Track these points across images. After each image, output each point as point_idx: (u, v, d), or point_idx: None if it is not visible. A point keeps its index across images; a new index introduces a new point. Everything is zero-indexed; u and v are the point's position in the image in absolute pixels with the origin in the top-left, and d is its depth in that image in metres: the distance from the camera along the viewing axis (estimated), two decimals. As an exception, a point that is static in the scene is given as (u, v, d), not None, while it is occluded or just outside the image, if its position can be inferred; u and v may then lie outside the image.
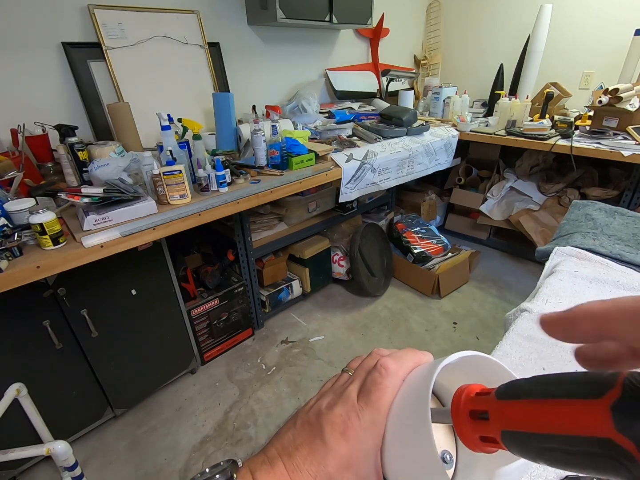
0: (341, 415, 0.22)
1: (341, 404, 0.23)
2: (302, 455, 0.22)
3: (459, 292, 2.29)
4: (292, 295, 2.13)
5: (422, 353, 0.25)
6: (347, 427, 0.22)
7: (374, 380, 0.23)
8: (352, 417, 0.22)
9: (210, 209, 1.32)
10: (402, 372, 0.24)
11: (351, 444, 0.22)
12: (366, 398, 0.23)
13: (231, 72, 2.02)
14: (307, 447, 0.22)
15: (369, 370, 0.25)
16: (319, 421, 0.23)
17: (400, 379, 0.23)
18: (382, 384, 0.23)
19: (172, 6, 1.72)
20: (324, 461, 0.21)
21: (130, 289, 1.38)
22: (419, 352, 0.25)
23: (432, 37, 3.05)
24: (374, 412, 0.22)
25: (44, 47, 1.47)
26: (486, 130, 2.22)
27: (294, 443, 0.23)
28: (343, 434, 0.22)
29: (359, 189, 1.86)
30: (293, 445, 0.23)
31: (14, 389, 1.14)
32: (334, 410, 0.23)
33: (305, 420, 0.24)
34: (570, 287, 0.98)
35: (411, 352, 0.25)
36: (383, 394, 0.23)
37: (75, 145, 1.32)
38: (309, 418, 0.24)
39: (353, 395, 0.23)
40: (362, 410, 0.22)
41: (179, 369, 1.68)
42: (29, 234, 1.06)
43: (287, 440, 0.24)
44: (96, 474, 1.36)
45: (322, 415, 0.23)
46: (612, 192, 2.09)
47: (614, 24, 2.22)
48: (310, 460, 0.22)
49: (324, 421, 0.23)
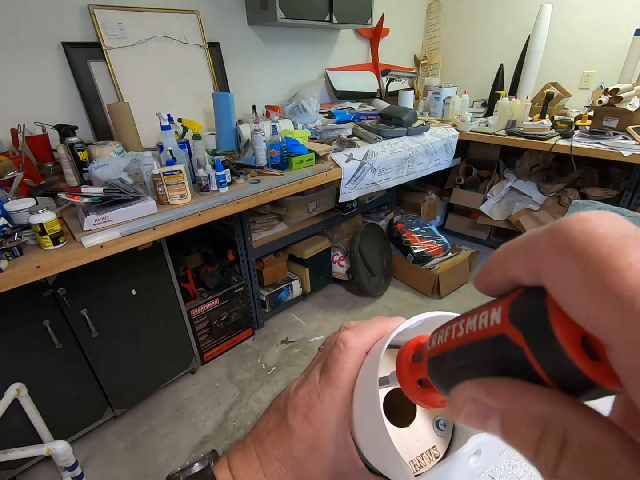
0: (303, 397, 0.22)
1: (305, 385, 0.23)
2: (270, 440, 0.22)
3: (459, 292, 2.29)
4: (292, 295, 2.13)
5: (391, 320, 0.24)
6: (309, 409, 0.22)
7: (332, 357, 0.23)
8: (313, 398, 0.22)
9: (210, 209, 1.32)
10: (363, 344, 0.23)
11: (314, 425, 0.21)
12: (325, 376, 0.22)
13: (231, 72, 2.02)
14: (275, 433, 0.22)
15: (332, 347, 0.24)
16: (285, 405, 0.23)
17: (361, 353, 0.22)
18: (340, 360, 0.22)
19: (172, 6, 1.72)
20: (289, 445, 0.21)
21: (130, 289, 1.38)
22: (387, 319, 0.24)
23: (432, 37, 3.05)
24: (334, 390, 0.22)
25: (44, 47, 1.47)
26: (486, 130, 2.22)
27: (265, 428, 0.23)
28: (305, 415, 0.22)
29: (359, 189, 1.86)
30: (265, 431, 0.23)
31: (14, 389, 1.14)
32: (298, 392, 0.23)
33: (276, 405, 0.24)
34: (570, 287, 0.97)
35: (378, 322, 0.24)
36: (341, 370, 0.22)
37: (75, 145, 1.32)
38: (279, 402, 0.24)
39: (316, 375, 0.23)
40: (322, 389, 0.22)
41: (179, 369, 1.68)
42: (29, 234, 1.06)
43: (261, 426, 0.24)
44: (96, 474, 1.36)
45: (289, 399, 0.23)
46: (612, 192, 2.09)
47: (614, 24, 2.22)
48: (277, 446, 0.22)
49: (288, 404, 0.23)
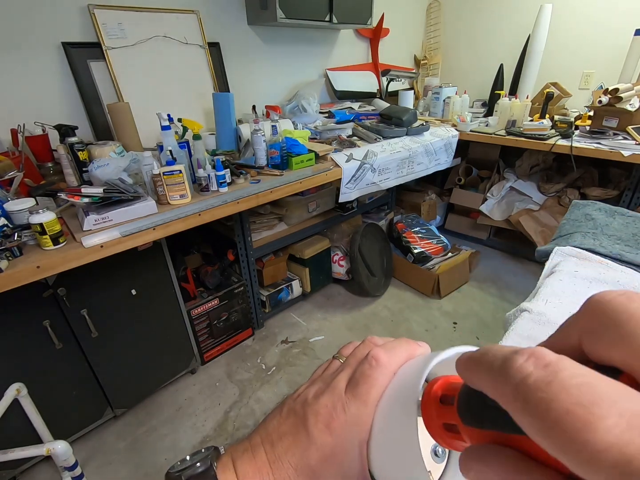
0: (327, 406, 0.22)
1: (328, 393, 0.23)
2: (284, 445, 0.22)
3: (459, 292, 2.29)
4: (292, 295, 2.13)
5: (417, 344, 0.24)
6: (332, 419, 0.21)
7: (363, 372, 0.22)
8: (338, 409, 0.22)
9: (210, 209, 1.32)
10: (393, 364, 0.23)
11: (335, 436, 0.21)
12: (354, 390, 0.22)
13: (231, 72, 2.02)
14: (290, 437, 0.22)
15: (360, 360, 0.24)
16: (304, 411, 0.22)
17: (391, 372, 0.23)
18: (372, 377, 0.22)
19: (172, 6, 1.72)
20: (306, 453, 0.21)
21: (130, 289, 1.38)
22: (413, 342, 0.24)
23: (432, 37, 3.05)
24: (361, 404, 0.21)
25: (44, 47, 1.47)
26: (486, 130, 2.22)
27: (277, 431, 0.23)
28: (327, 425, 0.21)
29: (359, 189, 1.86)
30: (277, 434, 0.22)
31: (14, 389, 1.14)
32: (320, 400, 0.22)
33: (291, 408, 0.23)
34: (570, 287, 0.98)
35: (405, 343, 0.24)
36: (371, 386, 0.22)
37: (75, 145, 1.32)
38: (295, 406, 0.23)
39: (341, 385, 0.23)
40: (348, 402, 0.22)
41: (179, 369, 1.68)
42: (29, 234, 1.06)
43: (272, 427, 0.23)
44: (96, 474, 1.36)
45: (308, 405, 0.23)
46: (612, 192, 2.09)
47: (614, 24, 2.22)
48: (292, 451, 0.21)
49: (309, 411, 0.22)
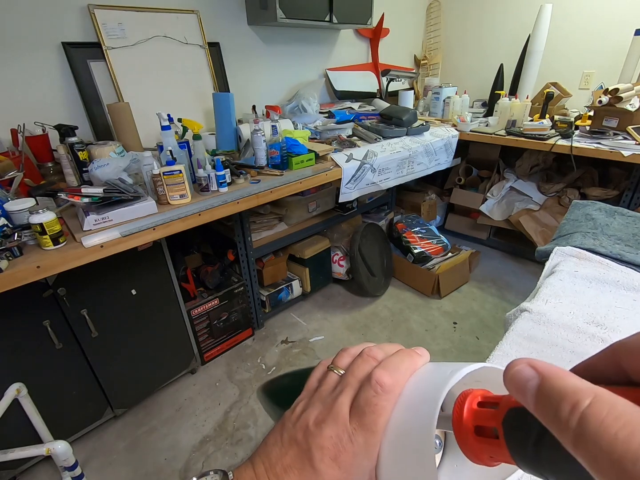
0: (332, 438, 0.21)
1: (331, 423, 0.22)
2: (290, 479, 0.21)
3: (459, 292, 2.29)
4: (292, 295, 2.13)
5: (418, 355, 0.24)
6: (339, 452, 0.21)
7: (368, 401, 0.21)
8: (344, 441, 0.21)
9: (210, 209, 1.32)
10: (399, 387, 0.22)
11: (343, 468, 0.21)
12: (360, 420, 0.21)
13: (231, 72, 2.02)
14: (296, 472, 0.21)
15: (361, 380, 0.23)
16: (307, 441, 0.22)
17: (396, 395, 0.22)
18: (379, 405, 0.21)
19: (172, 6, 1.72)
20: None
21: (130, 289, 1.38)
22: (414, 354, 0.24)
23: (432, 37, 3.05)
24: (369, 435, 0.21)
25: (44, 47, 1.47)
26: (486, 130, 2.22)
27: (281, 462, 0.22)
28: (335, 459, 0.21)
29: (359, 189, 1.86)
30: (281, 466, 0.22)
31: (14, 389, 1.14)
32: (323, 431, 0.22)
33: (292, 436, 0.23)
34: (571, 287, 0.98)
35: (407, 357, 0.23)
36: (378, 416, 0.21)
37: (75, 145, 1.32)
38: (296, 434, 0.23)
39: (344, 412, 0.22)
40: (355, 432, 0.21)
41: (179, 369, 1.68)
42: (29, 234, 1.06)
43: (275, 457, 0.22)
44: (96, 474, 1.36)
45: (311, 435, 0.22)
46: (612, 192, 2.09)
47: (614, 23, 2.22)
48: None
49: (313, 445, 0.21)
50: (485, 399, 0.18)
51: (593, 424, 0.11)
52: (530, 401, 0.14)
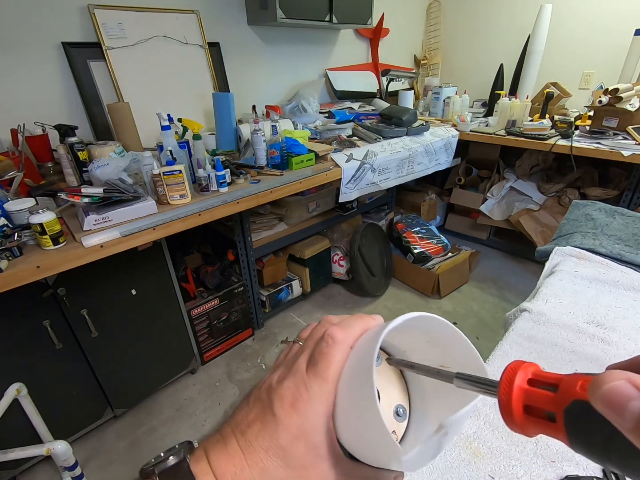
0: (290, 388, 0.23)
1: (291, 376, 0.24)
2: (254, 431, 0.22)
3: (459, 292, 2.29)
4: (292, 295, 2.13)
5: (371, 317, 0.26)
6: (296, 399, 0.22)
7: (321, 351, 0.23)
8: (301, 389, 0.23)
9: (210, 209, 1.32)
10: (349, 339, 0.24)
11: (301, 414, 0.22)
12: (314, 368, 0.23)
13: (231, 72, 2.02)
14: (259, 423, 0.23)
15: (317, 340, 0.25)
16: (269, 396, 0.23)
17: (347, 347, 0.24)
18: (329, 354, 0.23)
19: (172, 6, 1.72)
20: (275, 434, 0.22)
21: (130, 289, 1.38)
22: (367, 316, 0.26)
23: (432, 37, 3.05)
24: (322, 382, 0.23)
25: (44, 47, 1.47)
26: (486, 130, 2.22)
27: (246, 419, 0.23)
28: (293, 405, 0.22)
29: (359, 189, 1.86)
30: (245, 422, 0.23)
31: (14, 389, 1.14)
32: (283, 383, 0.23)
33: (257, 396, 0.25)
34: (571, 287, 0.98)
35: (359, 318, 0.25)
36: (329, 363, 0.23)
37: (75, 145, 1.32)
38: (260, 394, 0.24)
39: (302, 367, 0.24)
40: (310, 381, 0.23)
41: (179, 369, 1.68)
42: (29, 234, 1.06)
43: (240, 417, 0.24)
44: (96, 474, 1.36)
45: (273, 390, 0.24)
46: (612, 192, 2.09)
47: (614, 23, 2.22)
48: (262, 435, 0.22)
49: (274, 396, 0.23)
50: (538, 377, 0.17)
51: None
52: (629, 425, 0.12)
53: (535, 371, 0.17)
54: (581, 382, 0.14)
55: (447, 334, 0.23)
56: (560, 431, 0.14)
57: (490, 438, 0.64)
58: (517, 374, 0.17)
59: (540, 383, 0.16)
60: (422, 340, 0.25)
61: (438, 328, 0.23)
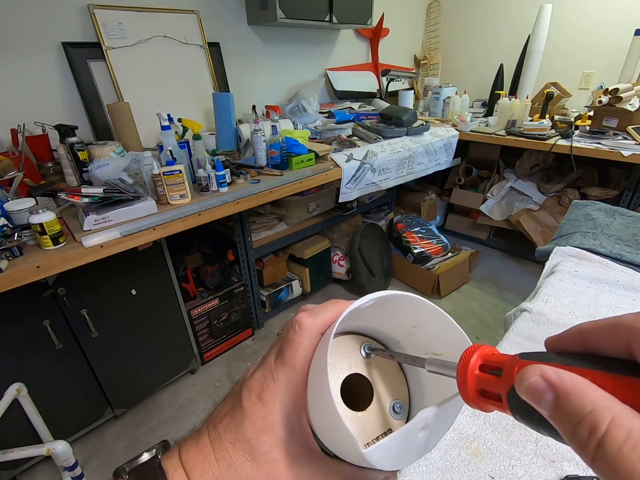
0: (258, 379, 0.22)
1: (261, 368, 0.23)
2: (223, 424, 0.22)
3: (459, 292, 2.29)
4: (292, 295, 2.13)
5: (346, 302, 0.24)
6: (263, 390, 0.22)
7: (287, 338, 0.23)
8: (268, 379, 0.22)
9: (210, 209, 1.32)
10: (318, 325, 0.23)
11: (267, 405, 0.21)
12: (280, 358, 0.22)
13: (231, 72, 2.02)
14: (228, 416, 0.22)
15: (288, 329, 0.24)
16: (240, 388, 0.23)
17: (316, 333, 0.22)
18: (295, 341, 0.22)
19: (172, 6, 1.72)
20: (241, 427, 0.21)
21: (130, 289, 1.38)
22: (342, 301, 0.24)
23: (432, 37, 3.05)
24: (288, 370, 0.22)
25: (44, 47, 1.47)
26: (486, 130, 2.22)
27: (220, 413, 0.23)
28: (259, 397, 0.22)
29: (359, 189, 1.86)
30: (219, 417, 0.23)
31: (14, 389, 1.14)
32: (254, 375, 0.23)
33: (233, 390, 0.24)
34: (571, 287, 0.98)
35: (333, 304, 0.24)
36: (295, 351, 0.22)
37: (75, 145, 1.32)
38: (235, 387, 0.24)
39: (272, 358, 0.23)
40: (276, 370, 0.22)
41: (179, 369, 1.68)
42: (29, 234, 1.06)
43: (216, 412, 0.24)
44: (96, 474, 1.36)
45: (244, 382, 0.23)
46: (612, 192, 2.09)
47: (614, 24, 2.22)
48: (230, 429, 0.22)
49: (243, 387, 0.23)
50: (487, 362, 0.18)
51: (611, 451, 0.12)
52: (547, 414, 0.14)
53: (485, 355, 0.18)
54: (517, 369, 0.16)
55: (429, 314, 0.23)
56: (507, 409, 0.16)
57: (490, 438, 0.64)
58: (470, 360, 0.18)
59: (489, 367, 0.18)
60: (409, 327, 0.24)
61: (419, 309, 0.22)
